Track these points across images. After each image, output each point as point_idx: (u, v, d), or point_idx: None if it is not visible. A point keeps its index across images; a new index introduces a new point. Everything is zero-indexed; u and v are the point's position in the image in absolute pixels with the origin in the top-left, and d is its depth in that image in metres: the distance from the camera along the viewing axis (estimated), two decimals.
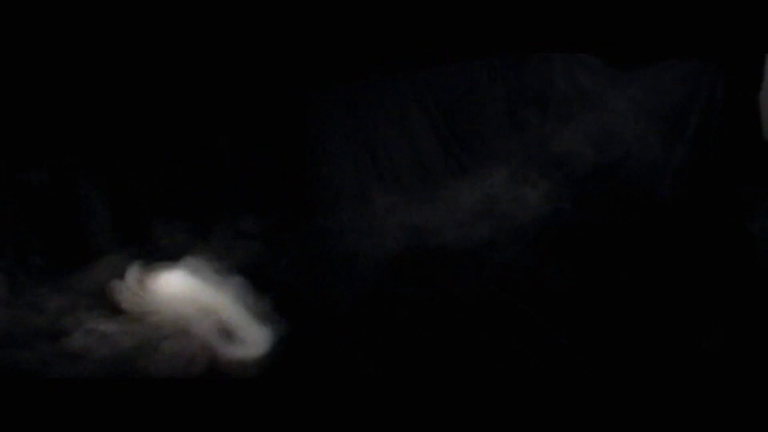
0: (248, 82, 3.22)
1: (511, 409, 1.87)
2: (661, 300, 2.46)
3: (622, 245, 2.90)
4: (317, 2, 2.86)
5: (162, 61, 2.94)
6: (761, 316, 2.30)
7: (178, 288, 2.47)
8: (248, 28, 2.89)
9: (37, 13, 2.59)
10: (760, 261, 2.61)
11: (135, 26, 2.73)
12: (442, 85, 3.56)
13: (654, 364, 2.13)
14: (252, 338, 2.30)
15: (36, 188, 2.79)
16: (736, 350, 2.12)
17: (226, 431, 1.86)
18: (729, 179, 3.12)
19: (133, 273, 2.50)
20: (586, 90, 3.37)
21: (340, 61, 3.25)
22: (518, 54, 3.48)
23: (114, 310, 2.42)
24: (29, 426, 1.86)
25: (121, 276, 2.50)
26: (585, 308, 2.46)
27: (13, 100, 2.76)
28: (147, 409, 1.93)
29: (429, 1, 2.90)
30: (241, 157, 3.31)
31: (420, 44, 3.09)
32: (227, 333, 2.30)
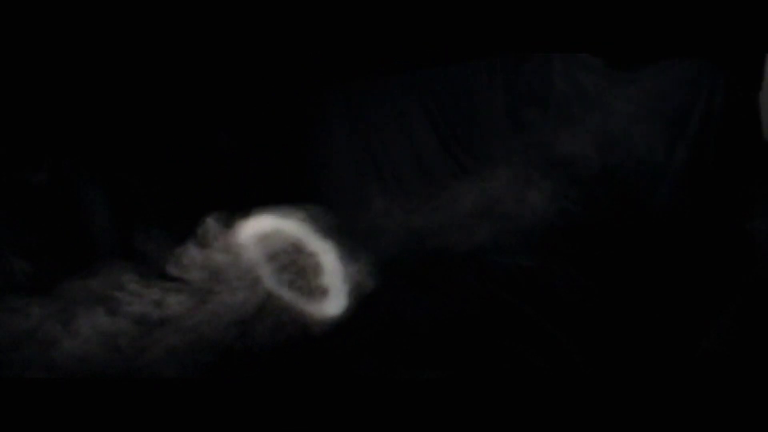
0: (248, 82, 3.21)
1: (512, 409, 1.87)
2: (661, 300, 2.46)
3: (622, 246, 2.90)
4: (317, 2, 2.86)
5: (162, 61, 2.93)
6: (761, 316, 2.30)
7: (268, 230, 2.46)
8: (248, 28, 2.89)
9: (37, 13, 2.59)
10: (760, 261, 2.61)
11: (135, 26, 2.73)
12: (442, 85, 3.56)
13: (654, 364, 2.13)
14: (336, 293, 2.31)
15: (36, 188, 2.78)
16: (737, 350, 2.12)
17: (226, 431, 1.86)
18: (729, 179, 3.12)
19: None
20: (586, 90, 3.37)
21: (340, 61, 3.25)
22: (518, 54, 3.48)
23: (109, 311, 2.42)
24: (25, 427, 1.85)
25: (119, 283, 2.51)
26: (585, 309, 2.46)
27: (13, 100, 2.76)
28: (146, 409, 1.93)
29: (429, 2, 2.90)
30: (241, 157, 3.31)
31: (420, 44, 3.09)
32: (311, 286, 2.31)
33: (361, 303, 2.45)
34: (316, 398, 1.96)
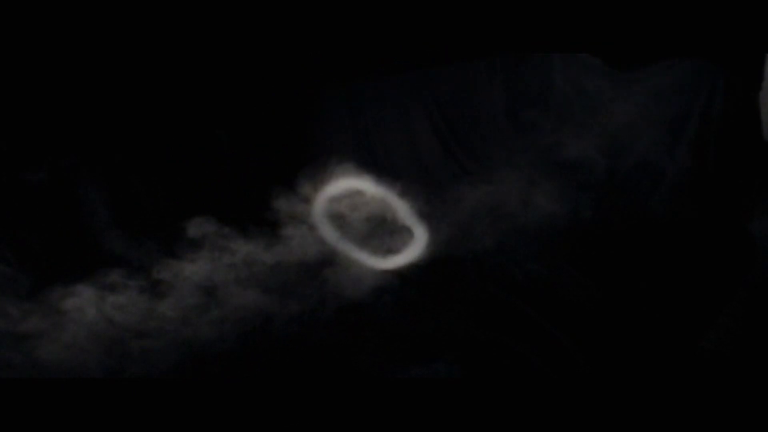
0: (248, 82, 3.21)
1: (512, 408, 1.87)
2: (661, 300, 2.46)
3: (622, 246, 2.90)
4: (317, 2, 2.86)
5: (162, 60, 2.94)
6: (761, 316, 2.30)
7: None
8: (248, 28, 2.89)
9: (37, 13, 2.59)
10: (760, 261, 2.61)
11: (135, 26, 2.73)
12: (442, 85, 3.56)
13: (654, 364, 2.13)
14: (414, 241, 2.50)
15: (36, 188, 2.78)
16: (737, 350, 2.12)
17: (224, 431, 1.85)
18: (729, 180, 3.12)
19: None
20: (586, 90, 3.37)
21: (340, 61, 3.25)
22: (518, 54, 3.48)
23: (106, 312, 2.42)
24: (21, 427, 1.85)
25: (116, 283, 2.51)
26: (586, 309, 2.46)
27: (13, 100, 2.76)
28: (141, 409, 1.93)
29: (429, 2, 2.90)
30: (241, 157, 3.31)
31: (420, 44, 3.09)
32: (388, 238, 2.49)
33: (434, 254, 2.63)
34: (315, 397, 1.96)
